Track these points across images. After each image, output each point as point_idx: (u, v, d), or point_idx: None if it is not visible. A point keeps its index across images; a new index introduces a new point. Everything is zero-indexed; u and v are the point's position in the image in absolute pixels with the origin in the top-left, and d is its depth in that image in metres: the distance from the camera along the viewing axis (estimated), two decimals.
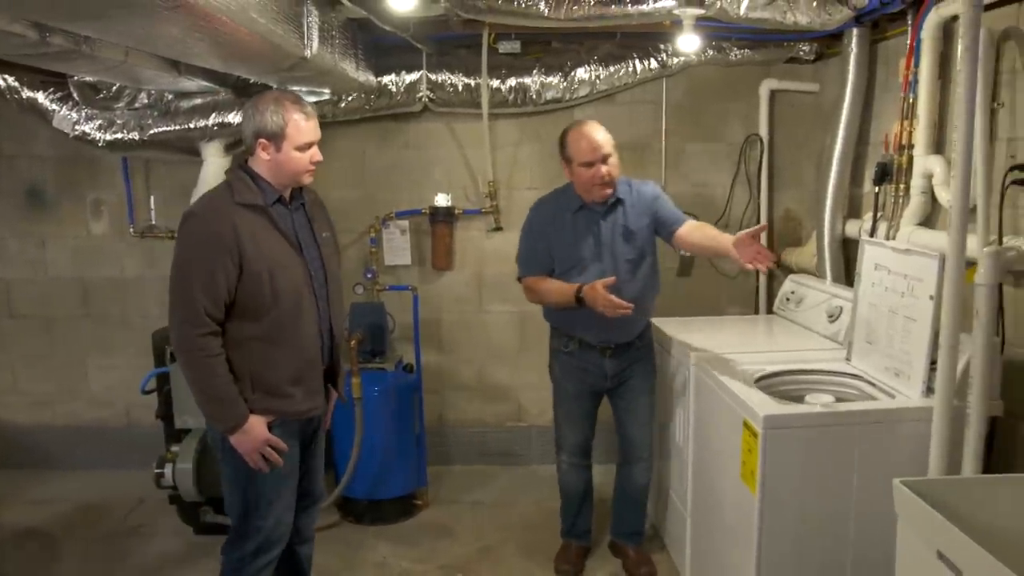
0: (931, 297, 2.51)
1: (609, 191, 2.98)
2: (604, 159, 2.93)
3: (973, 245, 2.38)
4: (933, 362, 2.44)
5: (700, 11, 3.03)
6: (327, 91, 3.77)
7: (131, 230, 4.23)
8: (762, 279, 4.29)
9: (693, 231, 3.03)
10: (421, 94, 4.00)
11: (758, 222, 4.25)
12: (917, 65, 3.05)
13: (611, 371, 3.14)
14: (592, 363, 3.13)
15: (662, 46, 4.02)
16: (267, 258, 2.31)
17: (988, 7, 2.62)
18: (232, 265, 2.26)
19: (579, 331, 3.11)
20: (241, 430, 2.33)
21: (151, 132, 3.78)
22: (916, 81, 3.06)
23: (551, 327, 3.27)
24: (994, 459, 2.56)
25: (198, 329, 2.25)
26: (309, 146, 2.37)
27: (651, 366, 3.26)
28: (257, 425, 2.35)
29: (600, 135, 2.94)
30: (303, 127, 2.34)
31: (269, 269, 2.31)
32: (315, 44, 2.65)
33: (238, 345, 2.33)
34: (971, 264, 2.33)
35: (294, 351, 2.41)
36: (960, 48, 2.18)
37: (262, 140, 2.32)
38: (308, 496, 2.66)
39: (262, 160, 2.35)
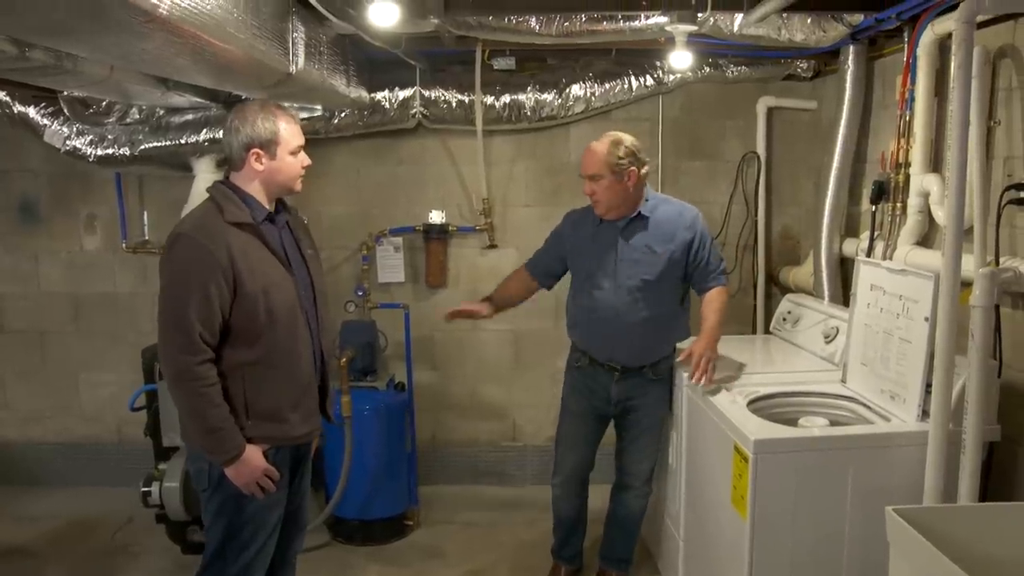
0: (926, 319, 2.46)
1: (598, 210, 2.95)
2: (590, 177, 2.90)
3: (969, 265, 2.34)
4: (929, 385, 2.38)
5: (692, 28, 2.99)
6: (319, 107, 3.76)
7: (124, 245, 4.20)
8: (759, 299, 4.24)
9: (709, 303, 3.04)
10: (415, 110, 3.97)
11: (755, 241, 4.21)
12: (913, 83, 3.02)
13: (616, 396, 3.06)
14: (599, 383, 3.07)
15: (658, 63, 3.99)
16: (261, 278, 2.24)
17: (983, 24, 2.59)
18: (227, 287, 2.18)
19: (588, 345, 3.07)
20: (239, 461, 2.24)
21: (142, 147, 3.77)
22: (912, 99, 3.03)
23: (571, 342, 3.23)
24: (991, 486, 2.50)
25: (196, 357, 2.16)
26: (299, 149, 2.33)
27: (662, 400, 3.13)
28: (255, 455, 2.27)
29: (592, 151, 2.90)
30: (293, 130, 2.31)
31: (264, 290, 2.24)
32: (301, 60, 2.62)
33: (231, 371, 2.24)
34: (967, 285, 2.28)
35: (290, 374, 2.34)
36: (953, 65, 2.14)
37: (255, 150, 2.25)
38: (295, 521, 2.58)
39: (254, 172, 2.28)
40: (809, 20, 3.19)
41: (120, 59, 2.18)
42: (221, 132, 3.69)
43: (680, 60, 3.31)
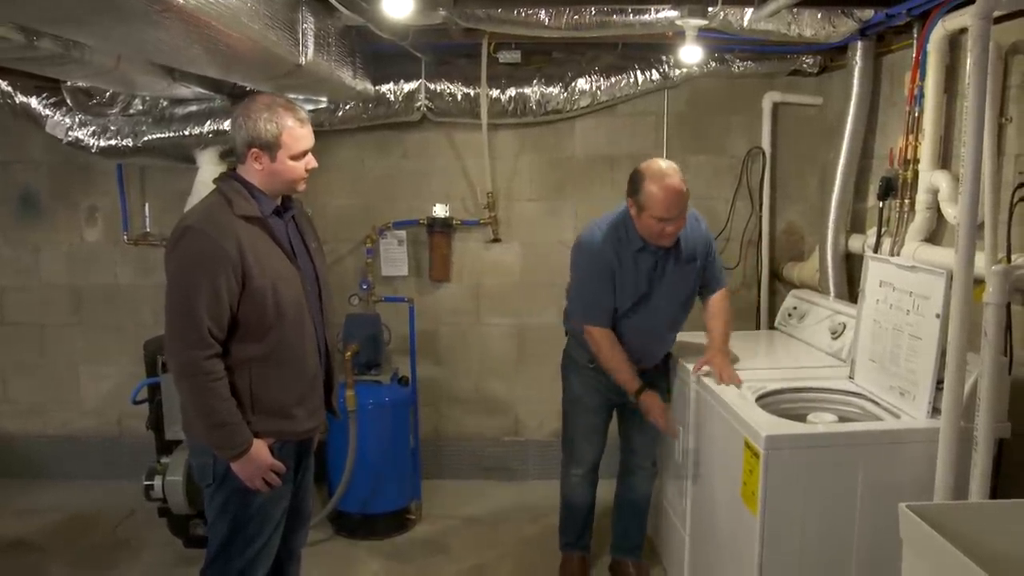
0: (937, 315, 2.45)
1: (670, 242, 2.86)
2: (676, 218, 2.78)
3: (980, 263, 2.33)
4: (939, 381, 2.38)
5: (703, 22, 2.98)
6: (324, 99, 3.74)
7: (125, 237, 4.18)
8: (763, 294, 4.24)
9: (712, 305, 3.09)
10: (419, 103, 3.95)
11: (760, 236, 4.21)
12: (923, 79, 3.01)
13: None
14: (614, 380, 3.06)
15: (664, 57, 3.98)
16: (270, 273, 2.21)
17: (995, 21, 2.57)
18: (235, 282, 2.15)
19: None
20: (246, 456, 2.23)
21: (145, 139, 3.75)
22: (922, 95, 3.02)
23: (573, 340, 3.21)
24: (1001, 483, 2.50)
25: (204, 352, 2.13)
26: (304, 154, 2.27)
27: (666, 377, 3.23)
28: (261, 450, 2.25)
29: (682, 194, 2.74)
30: (298, 134, 2.23)
31: (272, 284, 2.21)
32: (310, 51, 2.60)
33: (238, 366, 2.22)
34: (977, 282, 2.28)
35: (297, 369, 2.33)
36: (969, 62, 2.13)
37: (255, 150, 2.20)
38: (298, 514, 2.58)
39: (254, 170, 2.24)
40: (819, 15, 3.18)
41: (132, 48, 2.16)
42: (225, 124, 3.71)
43: (690, 55, 3.29)
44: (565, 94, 3.98)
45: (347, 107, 3.89)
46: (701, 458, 2.98)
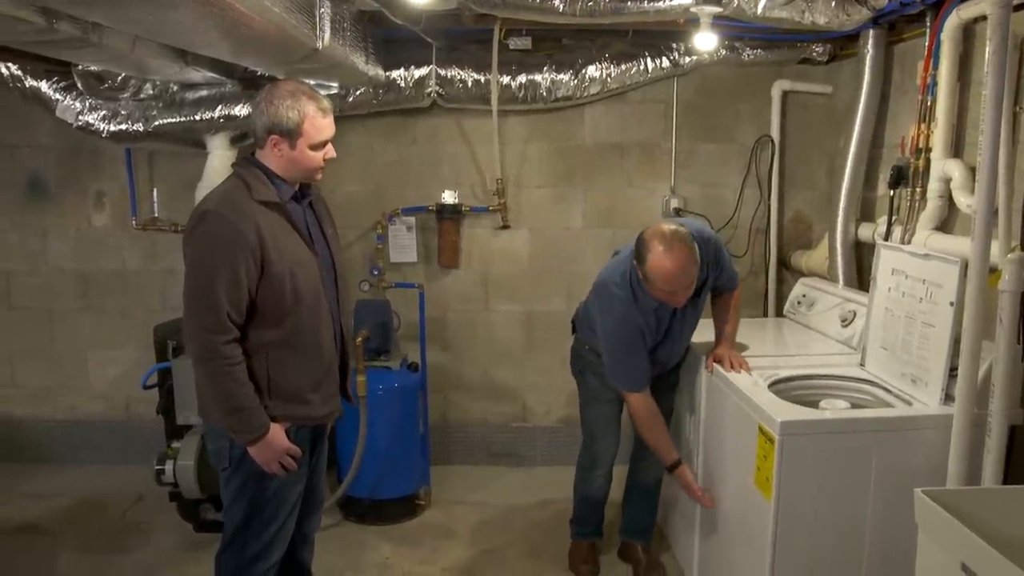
0: (951, 303, 2.47)
1: (680, 305, 2.80)
2: (688, 286, 2.69)
3: (994, 250, 2.34)
4: (952, 369, 2.39)
5: (717, 9, 2.97)
6: (335, 84, 3.73)
7: (133, 222, 4.17)
8: (771, 282, 4.25)
9: (723, 303, 3.07)
10: (430, 89, 3.94)
11: (768, 224, 4.22)
12: (936, 67, 3.01)
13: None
14: None
15: (674, 45, 3.97)
16: (288, 258, 2.21)
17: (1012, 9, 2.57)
18: (254, 266, 2.14)
19: None
20: (263, 441, 2.24)
21: (155, 123, 3.74)
22: (935, 84, 3.01)
23: (582, 339, 3.20)
24: (1012, 469, 2.52)
25: (223, 336, 2.13)
26: (324, 144, 2.26)
27: (678, 366, 3.23)
28: (278, 434, 2.27)
29: (687, 268, 2.61)
30: (319, 124, 2.21)
31: (290, 269, 2.21)
32: (327, 35, 2.60)
33: (255, 351, 2.22)
34: (991, 270, 2.29)
35: (313, 355, 2.33)
36: (987, 50, 2.14)
37: (275, 136, 2.19)
38: (312, 498, 2.59)
39: (273, 156, 2.23)
40: (833, 3, 3.17)
41: (152, 31, 2.15)
42: (236, 109, 3.70)
43: (704, 42, 3.28)
44: (575, 81, 3.97)
45: (357, 92, 3.88)
46: (712, 443, 3.00)
